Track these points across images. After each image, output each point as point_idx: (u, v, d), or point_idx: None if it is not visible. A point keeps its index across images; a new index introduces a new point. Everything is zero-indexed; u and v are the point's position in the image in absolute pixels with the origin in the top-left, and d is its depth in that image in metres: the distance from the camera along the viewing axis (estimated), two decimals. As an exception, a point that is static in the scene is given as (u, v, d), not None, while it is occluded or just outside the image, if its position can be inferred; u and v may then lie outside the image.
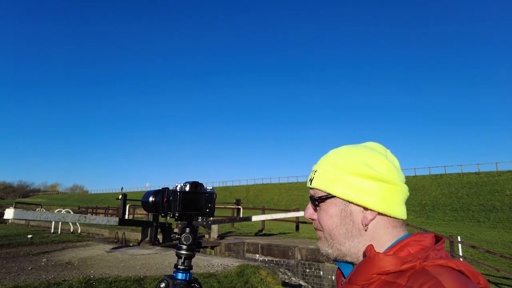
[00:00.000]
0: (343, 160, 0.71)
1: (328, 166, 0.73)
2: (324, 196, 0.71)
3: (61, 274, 5.53)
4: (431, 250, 0.61)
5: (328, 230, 0.71)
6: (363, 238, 0.68)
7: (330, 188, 0.70)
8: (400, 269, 0.58)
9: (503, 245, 17.45)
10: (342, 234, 0.69)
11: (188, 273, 1.06)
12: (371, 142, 0.79)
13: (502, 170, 39.50)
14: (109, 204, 44.54)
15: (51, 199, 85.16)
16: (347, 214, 0.69)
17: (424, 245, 0.62)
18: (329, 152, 0.77)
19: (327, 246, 0.72)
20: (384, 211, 0.67)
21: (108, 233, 14.77)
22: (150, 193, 1.21)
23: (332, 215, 0.70)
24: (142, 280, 5.32)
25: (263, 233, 15.32)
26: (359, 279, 0.62)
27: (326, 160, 0.75)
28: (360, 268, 0.63)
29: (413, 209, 34.07)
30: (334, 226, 0.70)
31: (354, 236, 0.69)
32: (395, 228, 0.68)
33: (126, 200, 10.74)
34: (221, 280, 5.65)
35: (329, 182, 0.71)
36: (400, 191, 0.69)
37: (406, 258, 0.59)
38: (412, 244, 0.63)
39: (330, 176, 0.71)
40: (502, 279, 12.13)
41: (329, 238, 0.71)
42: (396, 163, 0.73)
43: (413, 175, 46.86)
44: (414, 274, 0.57)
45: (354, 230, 0.69)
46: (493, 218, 27.35)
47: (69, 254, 7.85)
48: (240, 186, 67.65)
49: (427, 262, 0.58)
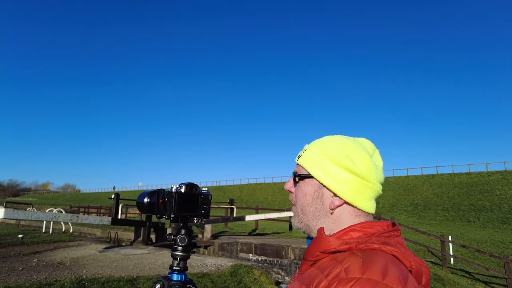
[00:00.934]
0: (330, 148, 0.79)
1: (316, 149, 0.81)
2: (303, 175, 0.80)
3: (53, 275, 5.48)
4: (375, 236, 0.69)
5: (301, 206, 0.80)
6: (327, 219, 0.77)
7: (311, 169, 0.79)
8: (339, 249, 0.67)
9: (493, 244, 17.73)
10: (312, 212, 0.78)
11: (183, 274, 1.07)
12: (364, 138, 0.86)
13: (492, 171, 40.10)
14: (102, 203, 44.11)
15: (42, 198, 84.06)
16: (319, 196, 0.78)
17: (368, 232, 0.71)
18: (324, 138, 0.85)
19: (298, 221, 0.81)
20: (351, 201, 0.74)
21: (101, 232, 14.64)
22: (145, 194, 1.20)
23: (306, 193, 0.79)
24: (135, 280, 5.30)
25: (257, 233, 15.35)
26: (309, 256, 0.72)
27: (318, 144, 0.83)
28: (310, 246, 0.72)
29: (405, 209, 34.40)
30: (306, 203, 0.79)
31: (321, 216, 0.77)
32: (357, 217, 0.76)
33: (119, 199, 10.67)
34: (214, 280, 5.66)
35: (312, 163, 0.79)
36: (371, 188, 0.76)
37: (346, 240, 0.67)
38: (357, 230, 0.72)
39: (314, 159, 0.80)
40: (491, 278, 12.33)
41: (301, 213, 0.81)
42: (378, 164, 0.81)
43: (405, 175, 47.28)
44: (347, 254, 0.65)
45: (322, 211, 0.77)
46: (483, 218, 27.75)
47: (61, 254, 7.78)
48: (233, 185, 67.56)
49: (362, 246, 0.66)
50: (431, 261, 12.90)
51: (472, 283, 11.28)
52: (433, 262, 12.76)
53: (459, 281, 10.23)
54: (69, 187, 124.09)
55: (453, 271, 12.25)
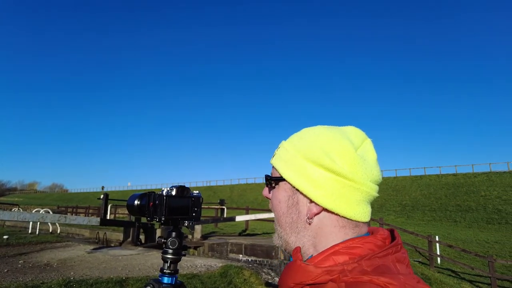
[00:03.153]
0: (304, 142, 0.62)
1: (289, 145, 0.64)
2: (276, 178, 0.64)
3: (39, 276, 5.39)
4: (366, 260, 0.51)
5: (277, 216, 0.65)
6: (307, 232, 0.60)
7: (283, 169, 0.63)
8: (318, 281, 0.51)
9: (478, 244, 18.11)
10: (288, 223, 0.62)
11: (174, 277, 1.07)
12: (352, 127, 0.67)
13: (478, 172, 41.00)
14: (90, 203, 43.51)
15: (29, 198, 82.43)
16: (294, 203, 0.61)
17: (355, 254, 0.53)
18: (301, 130, 0.68)
19: (277, 237, 0.65)
20: (331, 207, 0.57)
21: (89, 233, 14.42)
22: (136, 196, 1.20)
23: (280, 200, 0.64)
24: (124, 281, 5.25)
25: (247, 233, 15.34)
26: (284, 284, 0.56)
27: (292, 138, 0.66)
28: (284, 272, 0.57)
29: (394, 209, 34.87)
30: (281, 213, 0.63)
31: (299, 229, 0.61)
32: (343, 229, 0.58)
33: (108, 199, 10.53)
34: (204, 281, 5.64)
35: (283, 163, 0.63)
36: (358, 189, 0.58)
37: (328, 269, 0.51)
38: (340, 253, 0.54)
39: (286, 156, 0.63)
40: (476, 277, 12.59)
41: (277, 226, 0.65)
42: (369, 157, 0.62)
43: (394, 176, 47.93)
44: None
45: (299, 222, 0.61)
46: (468, 218, 28.34)
47: (48, 255, 7.64)
48: (224, 185, 67.41)
49: (347, 278, 0.49)
50: (419, 261, 13.11)
51: (458, 282, 11.50)
52: (421, 262, 12.96)
53: (446, 281, 10.44)
54: (56, 186, 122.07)
55: (439, 271, 12.47)
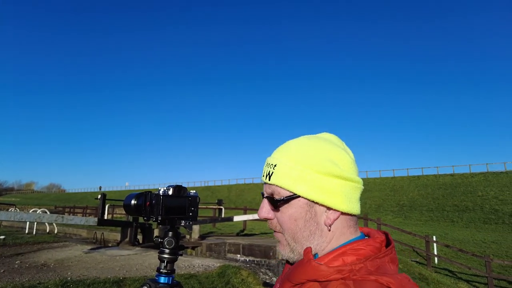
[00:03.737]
0: (307, 156, 0.65)
1: (291, 162, 0.66)
2: (288, 197, 0.65)
3: (36, 277, 5.37)
4: (370, 260, 0.59)
5: (292, 234, 0.66)
6: (323, 239, 0.65)
7: (294, 186, 0.64)
8: (329, 279, 0.57)
9: (475, 244, 18.18)
10: (306, 237, 0.65)
11: (170, 277, 1.07)
12: (327, 133, 0.73)
13: (475, 172, 41.18)
14: (88, 203, 43.40)
15: (26, 198, 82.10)
16: (312, 216, 0.64)
17: (361, 255, 0.60)
18: (289, 143, 0.70)
19: (289, 251, 0.67)
20: (347, 210, 0.63)
21: (86, 233, 14.38)
22: (132, 196, 1.20)
23: (296, 218, 0.65)
24: (122, 281, 5.23)
25: (245, 233, 15.34)
26: (294, 279, 0.62)
27: (288, 154, 0.67)
28: (296, 269, 0.62)
29: (392, 209, 34.94)
30: (298, 229, 0.65)
31: (316, 237, 0.65)
32: (350, 228, 0.66)
33: (105, 199, 10.51)
34: (202, 281, 5.64)
35: (293, 180, 0.64)
36: (358, 188, 0.66)
37: (338, 268, 0.57)
38: (348, 254, 0.60)
39: (293, 173, 0.64)
40: (473, 277, 12.64)
41: (292, 242, 0.66)
42: (352, 156, 0.70)
43: (391, 176, 48.05)
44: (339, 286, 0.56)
45: (317, 232, 0.65)
46: (466, 218, 28.44)
47: (45, 255, 7.61)
48: (222, 186, 67.35)
49: (356, 276, 0.56)
50: (416, 261, 13.14)
51: (455, 282, 11.54)
52: (418, 262, 13.00)
53: (443, 280, 10.47)
54: (54, 186, 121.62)
55: (437, 271, 12.51)
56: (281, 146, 0.72)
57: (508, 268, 13.37)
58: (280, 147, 0.71)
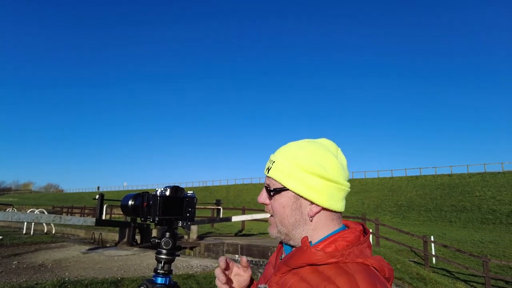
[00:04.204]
0: (300, 157, 0.80)
1: (286, 160, 0.81)
2: (279, 188, 0.80)
3: (34, 277, 5.36)
4: (355, 246, 0.72)
5: (280, 219, 0.81)
6: (307, 227, 0.79)
7: (285, 181, 0.79)
8: (326, 262, 0.70)
9: (472, 244, 18.25)
10: (292, 223, 0.79)
11: (167, 277, 1.07)
12: (325, 139, 0.87)
13: (473, 172, 41.33)
14: (85, 203, 43.25)
15: (23, 198, 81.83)
16: (297, 207, 0.79)
17: (349, 242, 0.73)
18: (290, 145, 0.85)
19: (277, 231, 0.83)
20: (327, 206, 0.77)
21: (84, 233, 14.34)
22: (130, 197, 1.20)
23: (284, 206, 0.80)
24: (120, 282, 5.23)
25: (243, 234, 15.35)
26: (292, 264, 0.74)
27: (286, 153, 0.82)
28: (295, 255, 0.74)
29: (390, 209, 35.02)
30: (285, 215, 0.80)
31: (300, 225, 0.79)
32: (333, 221, 0.80)
33: (103, 199, 10.49)
34: (200, 281, 5.64)
35: (285, 176, 0.80)
36: (343, 189, 0.79)
37: (332, 253, 0.70)
38: (339, 241, 0.74)
39: (286, 170, 0.80)
40: (470, 277, 12.69)
41: (279, 225, 0.81)
42: (344, 163, 0.83)
43: (389, 177, 48.14)
44: (336, 269, 0.68)
45: (301, 220, 0.79)
46: (463, 218, 28.54)
47: (43, 256, 7.60)
48: (220, 186, 67.37)
49: (348, 260, 0.69)
50: (414, 261, 13.17)
51: (453, 282, 11.58)
52: (416, 262, 13.03)
53: (441, 280, 10.50)
54: (51, 186, 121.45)
55: (434, 271, 12.55)
56: (283, 146, 0.86)
57: (506, 268, 13.43)
58: (282, 147, 0.86)
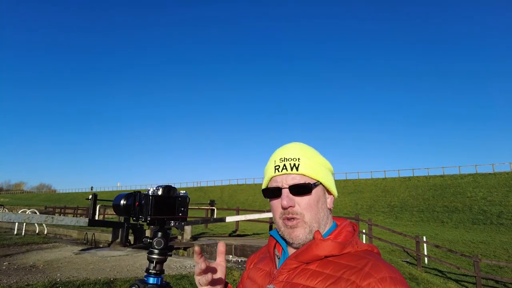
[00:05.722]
0: (315, 154, 0.87)
1: (308, 158, 0.84)
2: (314, 183, 0.82)
3: (24, 278, 5.30)
4: (355, 236, 0.80)
5: (314, 214, 0.80)
6: (329, 220, 0.84)
7: (317, 175, 0.83)
8: (342, 252, 0.75)
9: (464, 244, 18.45)
10: (322, 217, 0.82)
11: (159, 277, 1.07)
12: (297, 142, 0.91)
13: (464, 173, 41.79)
14: (79, 204, 42.80)
15: (15, 198, 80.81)
16: (325, 200, 0.85)
17: (351, 231, 0.81)
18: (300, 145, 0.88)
19: (308, 232, 0.79)
20: (335, 195, 0.88)
21: (77, 234, 14.20)
22: (122, 196, 1.20)
23: (318, 200, 0.82)
24: (112, 282, 5.20)
25: (237, 234, 15.34)
26: (305, 258, 0.76)
27: (305, 153, 0.85)
28: (309, 249, 0.76)
29: (383, 210, 35.23)
30: (318, 210, 0.81)
31: (327, 218, 0.83)
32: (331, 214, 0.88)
33: (97, 200, 10.40)
34: (193, 282, 5.63)
35: (316, 171, 0.83)
36: None
37: (344, 244, 0.75)
38: (343, 232, 0.80)
39: (315, 166, 0.84)
40: (462, 276, 12.83)
41: (314, 222, 0.80)
42: None
43: (383, 177, 48.46)
44: (353, 256, 0.73)
45: (327, 213, 0.84)
46: (455, 219, 28.83)
47: (34, 256, 7.51)
48: (214, 186, 67.18)
49: (358, 248, 0.76)
50: (407, 261, 13.28)
51: (444, 282, 11.70)
52: (409, 262, 13.13)
53: (433, 280, 10.60)
54: (44, 187, 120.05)
55: (427, 271, 12.66)
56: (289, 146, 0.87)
57: (496, 267, 13.61)
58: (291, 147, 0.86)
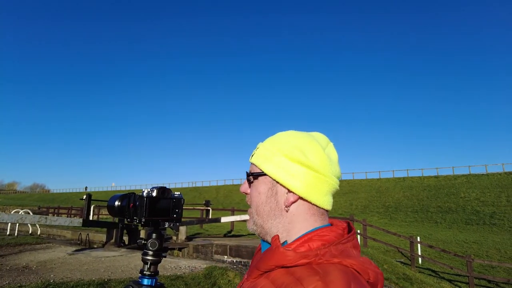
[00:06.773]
0: (281, 142, 0.75)
1: (268, 145, 0.76)
2: (256, 173, 0.75)
3: (17, 279, 5.25)
4: (334, 246, 0.64)
5: (256, 206, 0.75)
6: (283, 219, 0.71)
7: (263, 165, 0.74)
8: (297, 263, 0.61)
9: (457, 244, 18.62)
10: (266, 212, 0.73)
11: (154, 279, 1.08)
12: (317, 132, 0.81)
13: (458, 174, 42.20)
14: (73, 204, 42.40)
15: (8, 198, 79.82)
16: (273, 193, 0.73)
17: (326, 240, 0.65)
18: (277, 134, 0.80)
19: (252, 223, 0.76)
20: (305, 196, 0.69)
21: (71, 234, 14.09)
22: (116, 197, 1.20)
23: (260, 192, 0.74)
24: (106, 283, 5.17)
25: (232, 234, 15.32)
26: (262, 267, 0.66)
27: (269, 140, 0.78)
28: (265, 257, 0.66)
29: (377, 210, 35.42)
30: (260, 202, 0.74)
31: (276, 216, 0.72)
32: (313, 216, 0.71)
33: (91, 200, 10.34)
34: (188, 282, 5.62)
35: (264, 160, 0.75)
36: (327, 182, 0.71)
37: (305, 253, 0.62)
38: (314, 239, 0.65)
39: (266, 154, 0.75)
40: (455, 276, 12.95)
41: (255, 215, 0.75)
42: (333, 157, 0.76)
43: (377, 178, 48.73)
44: (306, 270, 0.60)
45: (276, 210, 0.72)
46: (449, 219, 29.08)
47: (27, 257, 7.45)
48: (210, 186, 67.04)
49: (322, 260, 0.61)
50: (401, 261, 13.38)
51: (438, 282, 11.81)
52: (403, 262, 13.23)
53: (426, 280, 10.69)
54: (37, 187, 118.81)
55: (420, 271, 12.77)
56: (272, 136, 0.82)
57: (488, 267, 13.76)
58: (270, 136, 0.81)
